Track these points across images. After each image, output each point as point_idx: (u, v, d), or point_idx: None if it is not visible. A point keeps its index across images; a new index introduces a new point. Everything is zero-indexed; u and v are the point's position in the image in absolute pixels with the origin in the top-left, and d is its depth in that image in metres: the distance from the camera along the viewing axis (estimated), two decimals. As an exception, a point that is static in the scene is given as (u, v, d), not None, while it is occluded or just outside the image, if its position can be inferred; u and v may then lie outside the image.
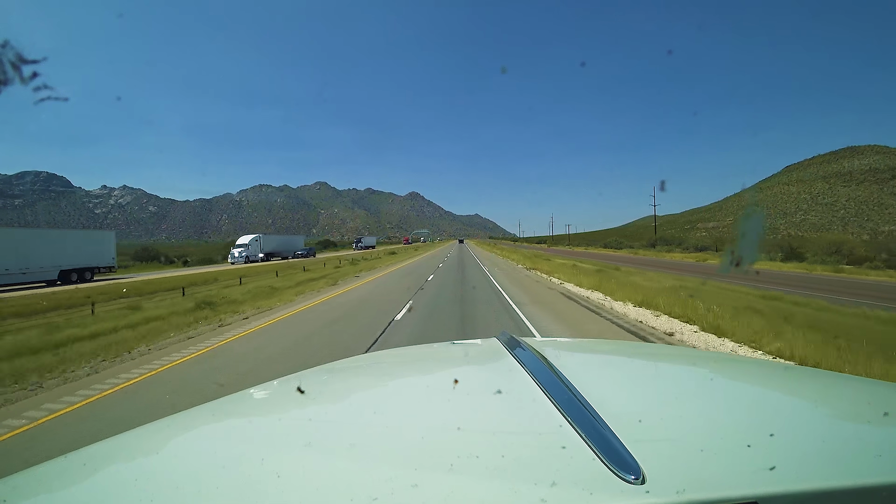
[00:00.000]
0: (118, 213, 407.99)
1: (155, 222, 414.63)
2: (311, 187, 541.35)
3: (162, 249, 48.02)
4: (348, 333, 7.45)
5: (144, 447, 0.78)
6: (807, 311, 9.00)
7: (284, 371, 1.35)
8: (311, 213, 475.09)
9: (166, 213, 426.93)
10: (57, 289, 18.10)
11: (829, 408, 0.85)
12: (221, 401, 1.03)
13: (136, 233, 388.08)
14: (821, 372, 1.29)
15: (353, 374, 1.30)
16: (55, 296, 14.24)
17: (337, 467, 0.62)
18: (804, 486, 0.53)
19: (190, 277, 20.96)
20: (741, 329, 6.54)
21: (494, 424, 0.75)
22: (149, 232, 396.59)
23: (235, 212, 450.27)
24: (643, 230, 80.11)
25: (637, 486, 0.53)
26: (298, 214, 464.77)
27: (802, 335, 5.96)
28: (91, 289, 16.91)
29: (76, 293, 14.84)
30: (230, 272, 24.06)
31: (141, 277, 23.69)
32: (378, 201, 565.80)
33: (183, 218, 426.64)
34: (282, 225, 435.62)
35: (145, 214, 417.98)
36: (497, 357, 1.21)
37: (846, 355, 5.01)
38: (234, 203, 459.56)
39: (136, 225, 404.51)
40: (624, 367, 1.25)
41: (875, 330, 7.11)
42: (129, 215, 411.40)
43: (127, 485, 0.62)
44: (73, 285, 19.81)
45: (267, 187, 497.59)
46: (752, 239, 1.11)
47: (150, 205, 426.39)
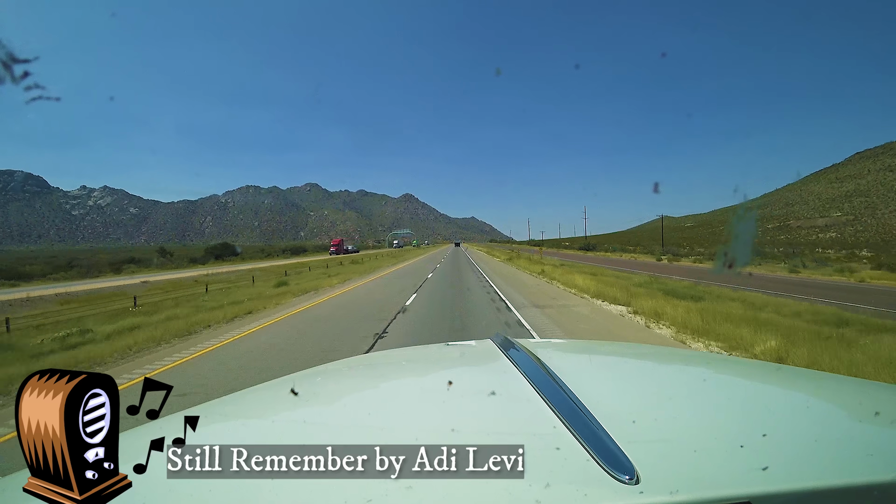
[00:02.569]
0: (96, 214, 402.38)
1: (135, 224, 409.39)
2: (302, 189, 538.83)
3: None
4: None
5: (136, 449, 0.79)
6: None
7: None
8: (299, 215, 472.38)
9: (148, 214, 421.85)
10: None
11: (821, 408, 0.88)
12: (215, 402, 1.05)
13: (114, 235, 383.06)
14: (812, 372, 1.33)
15: (348, 375, 1.32)
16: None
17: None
18: (797, 485, 0.54)
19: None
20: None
21: (489, 426, 0.77)
22: (128, 234, 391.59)
23: (220, 214, 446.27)
24: (660, 232, 79.23)
25: (631, 487, 0.54)
26: (286, 217, 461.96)
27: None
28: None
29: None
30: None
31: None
32: (371, 203, 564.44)
33: (165, 220, 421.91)
34: (268, 227, 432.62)
35: (125, 216, 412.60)
36: (491, 358, 1.23)
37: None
38: (219, 205, 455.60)
39: (115, 227, 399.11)
40: (618, 368, 1.28)
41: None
42: (108, 217, 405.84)
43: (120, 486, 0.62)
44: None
45: (254, 188, 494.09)
46: (746, 241, 1.15)
47: (131, 206, 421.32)
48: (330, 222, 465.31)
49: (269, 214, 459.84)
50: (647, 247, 63.63)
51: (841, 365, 4.76)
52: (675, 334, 7.49)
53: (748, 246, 1.15)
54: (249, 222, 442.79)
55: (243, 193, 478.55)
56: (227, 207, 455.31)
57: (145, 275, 30.40)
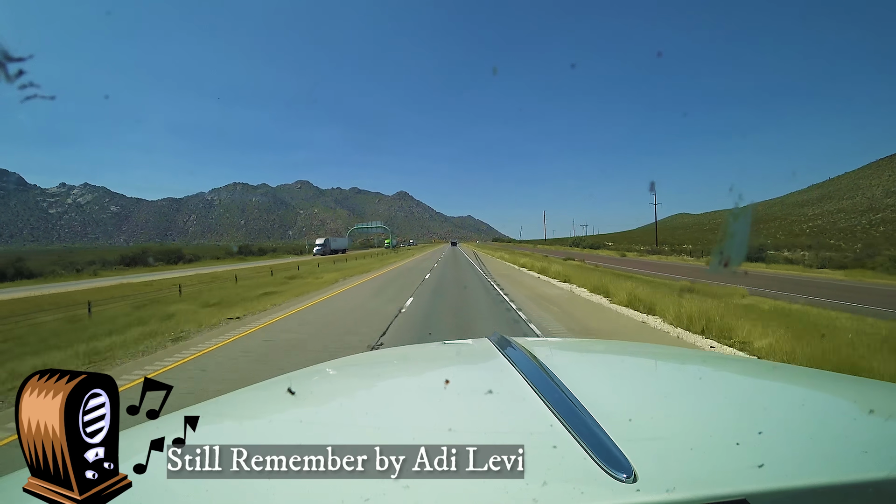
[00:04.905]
0: (75, 213, 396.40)
1: (115, 224, 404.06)
2: (292, 186, 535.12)
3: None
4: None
5: (135, 448, 0.82)
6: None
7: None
8: (288, 213, 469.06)
9: (130, 213, 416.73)
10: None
11: (817, 405, 0.90)
12: (212, 402, 1.06)
13: (92, 235, 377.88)
14: (808, 370, 1.37)
15: (344, 374, 1.35)
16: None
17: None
18: (792, 482, 0.56)
19: None
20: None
21: (486, 424, 0.79)
22: (107, 234, 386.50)
23: (205, 212, 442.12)
24: (667, 231, 77.86)
25: (628, 485, 0.55)
26: (275, 215, 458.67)
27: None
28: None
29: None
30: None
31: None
32: (363, 201, 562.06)
33: (147, 219, 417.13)
34: (255, 226, 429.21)
35: (106, 215, 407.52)
36: (488, 357, 1.25)
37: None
38: (205, 203, 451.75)
39: (94, 226, 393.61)
40: (615, 367, 1.31)
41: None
42: (87, 216, 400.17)
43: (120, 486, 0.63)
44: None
45: (243, 186, 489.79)
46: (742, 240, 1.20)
47: (112, 204, 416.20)
48: (320, 221, 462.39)
49: (257, 213, 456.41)
50: (674, 246, 61.86)
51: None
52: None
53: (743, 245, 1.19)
54: (235, 221, 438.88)
55: (230, 191, 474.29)
56: (213, 205, 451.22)
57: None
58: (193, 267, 39.28)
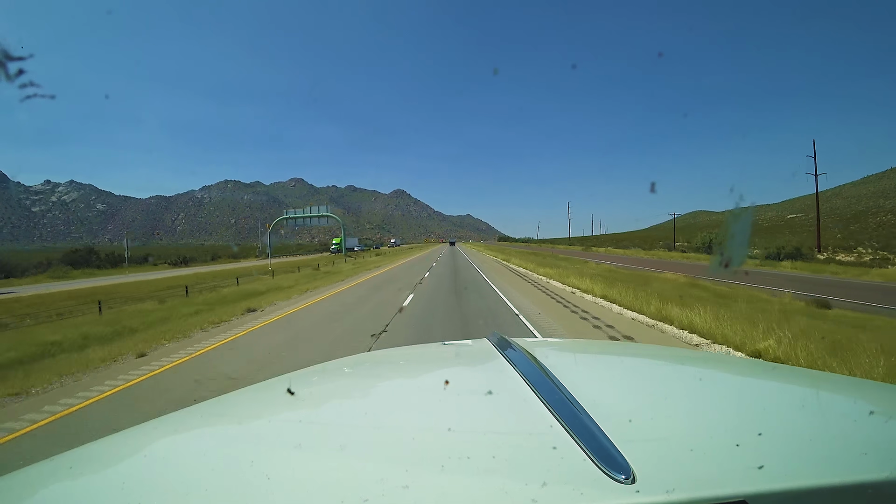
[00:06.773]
0: (59, 211, 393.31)
1: (101, 222, 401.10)
2: (286, 184, 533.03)
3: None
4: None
5: (133, 449, 0.81)
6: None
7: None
8: (279, 212, 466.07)
9: (116, 211, 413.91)
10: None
11: (816, 407, 0.91)
12: (211, 402, 1.07)
13: (76, 234, 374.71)
14: (808, 371, 1.38)
15: (344, 375, 1.36)
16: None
17: (327, 469, 0.66)
18: (792, 484, 0.56)
19: None
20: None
21: (485, 425, 0.80)
22: (92, 233, 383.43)
23: (195, 210, 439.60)
24: (687, 230, 74.64)
25: (627, 486, 0.55)
26: (266, 214, 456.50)
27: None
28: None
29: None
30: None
31: None
32: (359, 199, 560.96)
33: (134, 217, 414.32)
34: (245, 225, 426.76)
35: (91, 213, 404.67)
36: (488, 358, 1.26)
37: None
38: (194, 201, 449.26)
39: (78, 225, 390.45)
40: (614, 368, 1.33)
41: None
42: (71, 214, 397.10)
43: (114, 489, 0.64)
44: None
45: (234, 183, 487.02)
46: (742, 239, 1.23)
47: (98, 202, 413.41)
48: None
49: (247, 211, 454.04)
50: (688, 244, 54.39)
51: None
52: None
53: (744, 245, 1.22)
54: (225, 220, 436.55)
55: (221, 189, 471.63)
56: (203, 204, 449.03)
57: None
58: (139, 271, 33.38)
